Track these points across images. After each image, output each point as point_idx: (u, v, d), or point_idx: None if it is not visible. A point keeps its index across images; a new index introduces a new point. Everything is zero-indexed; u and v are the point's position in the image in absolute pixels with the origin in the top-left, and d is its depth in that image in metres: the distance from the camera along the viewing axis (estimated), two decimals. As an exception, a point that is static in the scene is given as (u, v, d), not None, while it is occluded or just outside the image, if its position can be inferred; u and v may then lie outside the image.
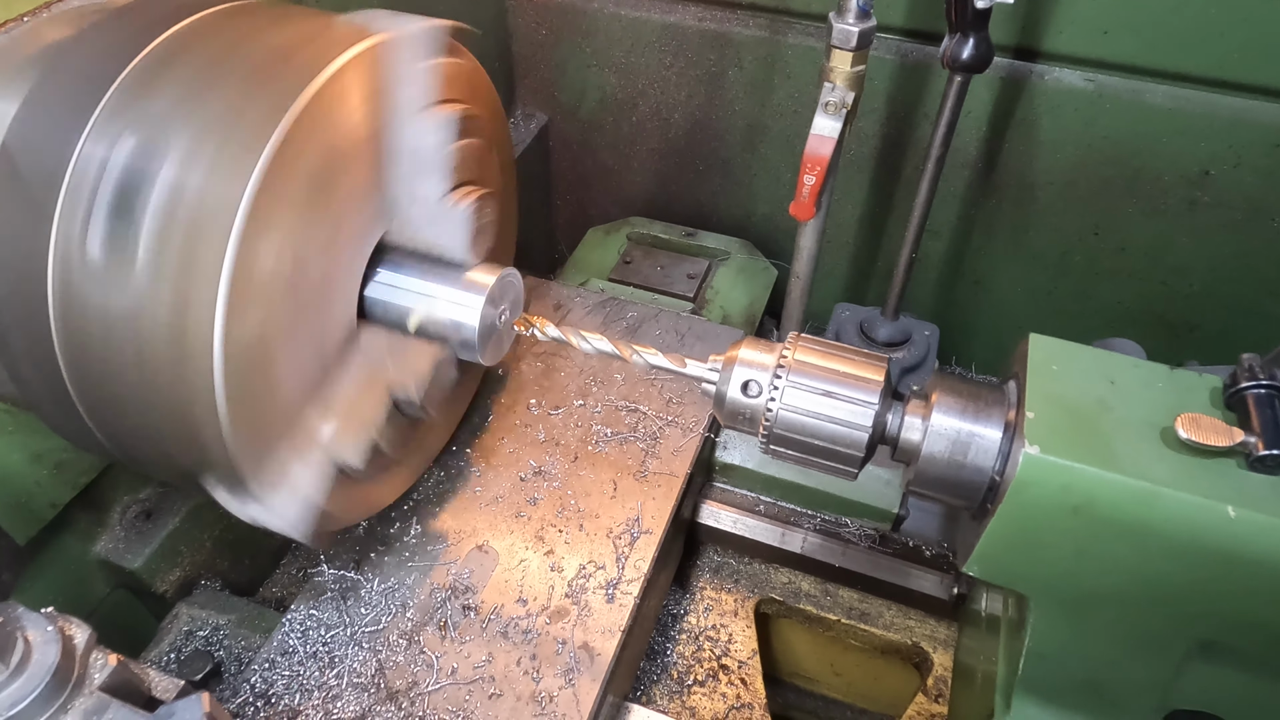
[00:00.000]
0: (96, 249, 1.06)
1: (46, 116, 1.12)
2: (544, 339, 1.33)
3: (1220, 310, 2.37)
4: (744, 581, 2.01)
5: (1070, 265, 2.44)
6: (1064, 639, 1.21)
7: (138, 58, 1.14)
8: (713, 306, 2.39)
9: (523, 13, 2.61)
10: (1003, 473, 1.08)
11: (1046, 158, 2.27)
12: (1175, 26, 1.99)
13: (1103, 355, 1.13)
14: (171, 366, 1.05)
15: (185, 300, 1.03)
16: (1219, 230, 2.22)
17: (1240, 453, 0.98)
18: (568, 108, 2.76)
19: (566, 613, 1.52)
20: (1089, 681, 1.25)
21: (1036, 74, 2.16)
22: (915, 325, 2.39)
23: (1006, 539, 1.09)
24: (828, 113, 1.63)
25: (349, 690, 1.42)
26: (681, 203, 2.80)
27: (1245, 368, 1.01)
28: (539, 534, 1.64)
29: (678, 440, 1.81)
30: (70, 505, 1.58)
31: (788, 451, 1.18)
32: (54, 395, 1.17)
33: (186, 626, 1.67)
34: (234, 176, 1.03)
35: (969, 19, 1.64)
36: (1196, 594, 1.04)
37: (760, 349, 1.19)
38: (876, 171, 2.48)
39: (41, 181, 1.09)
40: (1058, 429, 1.04)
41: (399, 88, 1.20)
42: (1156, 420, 1.04)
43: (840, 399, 1.13)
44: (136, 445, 1.21)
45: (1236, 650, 1.10)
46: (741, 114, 2.53)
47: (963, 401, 1.12)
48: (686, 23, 2.43)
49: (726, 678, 1.88)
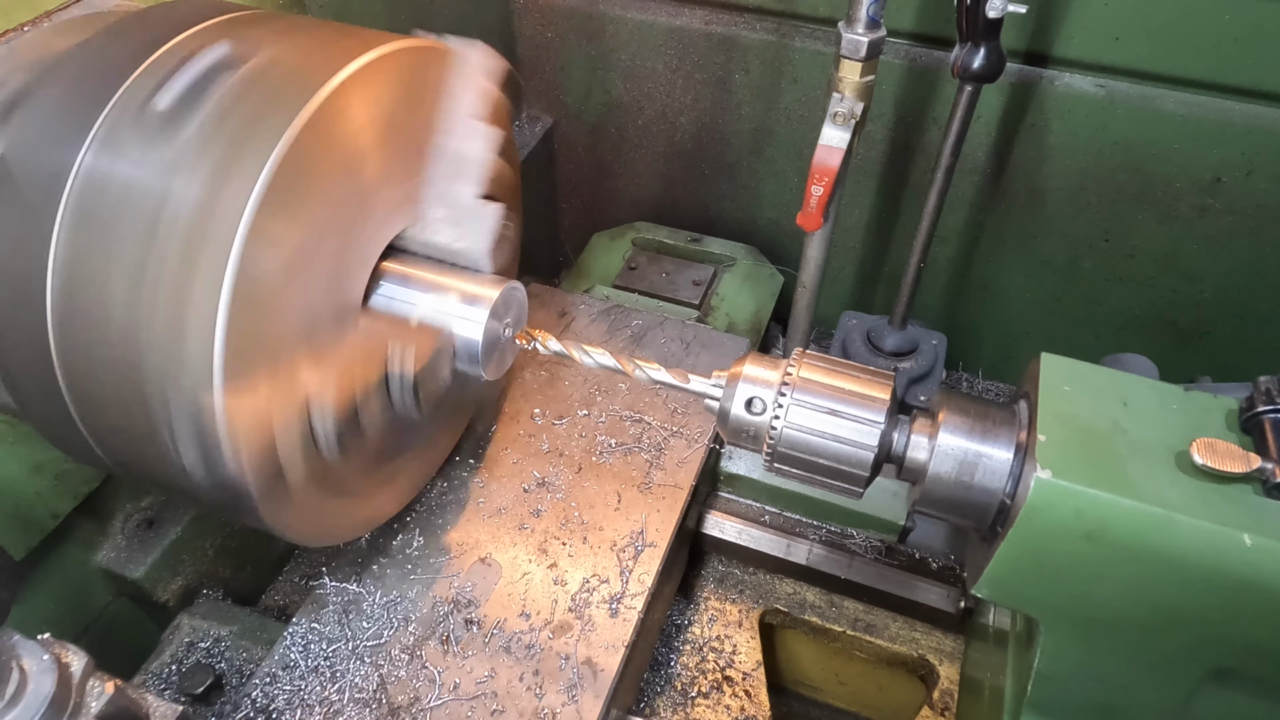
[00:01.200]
0: (95, 262, 1.05)
1: (47, 127, 1.10)
2: (546, 353, 1.31)
3: (1232, 317, 2.35)
4: (749, 592, 1.99)
5: (1080, 272, 2.42)
6: (1075, 662, 1.19)
7: (140, 68, 1.12)
8: (718, 314, 2.37)
9: (528, 16, 2.59)
10: (1013, 495, 1.06)
11: (1057, 163, 2.25)
12: (1187, 32, 1.96)
13: (1116, 375, 1.11)
14: (169, 381, 1.04)
15: (183, 316, 1.02)
16: (1230, 237, 2.20)
17: (1257, 479, 0.96)
18: (573, 111, 2.74)
19: (570, 627, 1.51)
20: (1100, 704, 1.23)
21: (1047, 79, 2.14)
22: (923, 334, 2.37)
23: (1017, 563, 1.08)
24: (836, 123, 1.61)
25: (351, 705, 1.41)
26: (687, 207, 2.78)
27: (1262, 391, 0.99)
28: (542, 546, 1.63)
29: (682, 451, 1.79)
30: (72, 515, 1.58)
31: (792, 470, 1.16)
32: (51, 409, 1.15)
33: (188, 638, 1.66)
34: (237, 189, 1.02)
35: (980, 28, 1.62)
36: (1212, 621, 1.02)
37: (765, 365, 1.17)
38: (884, 177, 2.46)
39: (41, 193, 1.07)
40: (1070, 452, 1.02)
41: (458, 94, 1.28)
42: (1171, 444, 1.02)
43: (846, 417, 1.12)
44: (133, 459, 1.20)
45: (1251, 677, 1.08)
46: (748, 118, 2.51)
47: (970, 421, 1.10)
48: (693, 26, 2.41)
49: (731, 689, 1.86)
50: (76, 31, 1.26)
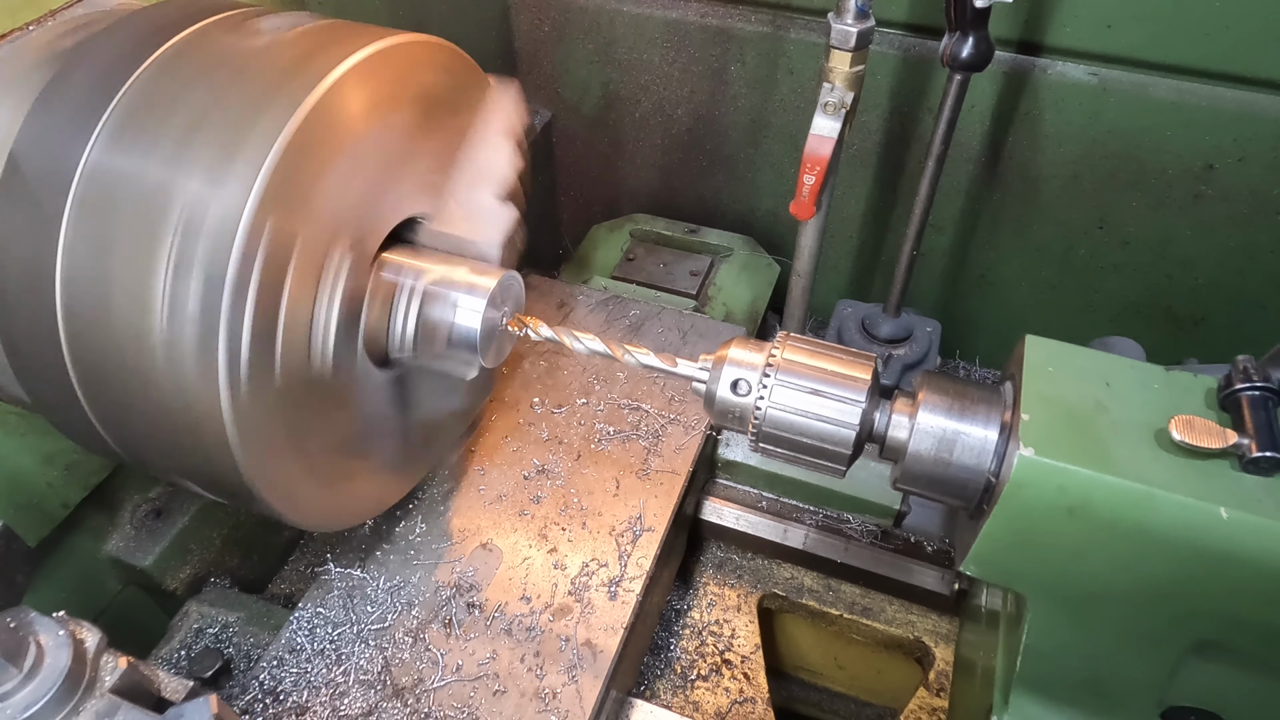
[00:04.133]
0: (103, 255, 1.08)
1: (53, 124, 1.13)
2: (537, 339, 1.34)
3: (1226, 303, 2.36)
4: (747, 577, 2.02)
5: (1075, 259, 2.44)
6: (1062, 637, 1.22)
7: (144, 64, 1.15)
8: (715, 304, 2.39)
9: (525, 10, 2.62)
10: (999, 474, 1.08)
11: (1050, 152, 2.27)
12: (1179, 20, 1.98)
13: (1099, 356, 1.14)
14: (176, 372, 1.07)
15: (188, 305, 1.04)
16: (1224, 224, 2.22)
17: (1234, 454, 0.98)
18: (571, 104, 2.76)
19: (570, 610, 1.54)
20: (1087, 678, 1.26)
21: (1040, 68, 2.15)
22: (917, 322, 2.39)
23: (1003, 539, 1.10)
24: (827, 113, 1.63)
25: (356, 687, 1.44)
26: (685, 199, 2.81)
27: (1240, 369, 1.02)
28: (542, 532, 1.66)
29: (680, 438, 1.82)
30: (82, 505, 1.61)
31: (777, 450, 1.19)
32: (63, 400, 1.18)
33: (196, 624, 1.70)
34: (240, 182, 1.04)
35: (968, 18, 1.64)
36: (1192, 594, 1.04)
37: (750, 348, 1.20)
38: (880, 167, 2.48)
39: (49, 189, 1.10)
40: (1053, 431, 1.04)
41: (493, 114, 1.44)
42: (1152, 422, 1.04)
43: (828, 397, 1.14)
44: (145, 448, 1.23)
45: (1233, 648, 1.11)
46: (744, 110, 2.53)
47: (949, 400, 1.13)
48: (689, 18, 2.43)
49: (730, 672, 1.89)
50: (80, 30, 1.28)
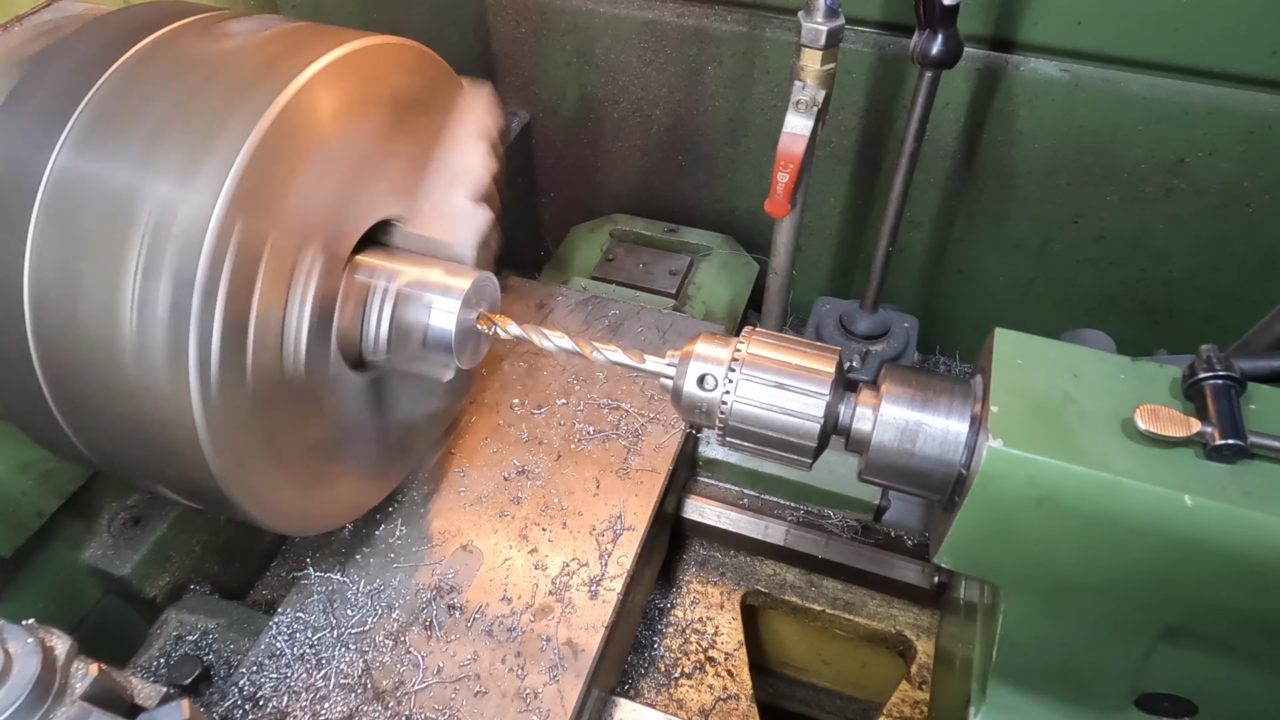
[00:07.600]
0: (71, 259, 1.07)
1: (19, 129, 1.13)
2: (506, 337, 1.35)
3: (1200, 296, 2.39)
4: (729, 574, 2.03)
5: (1051, 254, 2.46)
6: (1036, 626, 1.23)
7: (112, 68, 1.15)
8: (695, 303, 2.40)
9: (503, 12, 2.62)
10: (969, 466, 1.09)
11: (1025, 148, 2.29)
12: (1148, 16, 2.00)
13: (1067, 348, 1.15)
14: (147, 376, 1.06)
15: (157, 310, 1.04)
16: (1196, 217, 2.24)
17: (1198, 442, 1.00)
18: (550, 106, 2.77)
19: (550, 610, 1.54)
20: (1062, 667, 1.27)
21: (1013, 65, 2.17)
22: (895, 318, 2.41)
23: (974, 531, 1.11)
24: (799, 111, 1.64)
25: (336, 691, 1.44)
26: (664, 199, 2.81)
27: (1204, 359, 1.03)
28: (523, 533, 1.66)
29: (660, 437, 1.83)
30: (58, 513, 1.60)
31: (744, 443, 1.20)
32: (34, 407, 1.18)
33: (176, 631, 1.69)
34: (208, 185, 1.04)
35: (937, 15, 1.65)
36: (1160, 581, 1.06)
37: (716, 344, 1.21)
38: (857, 165, 2.49)
39: (15, 194, 1.09)
40: (1022, 422, 1.05)
41: (467, 117, 1.43)
42: (1118, 412, 1.06)
43: (792, 390, 1.15)
44: (117, 454, 1.23)
45: (1202, 634, 1.12)
46: (722, 109, 2.54)
47: (912, 391, 1.14)
48: (665, 19, 2.44)
49: (713, 669, 1.90)
50: (47, 35, 1.28)
